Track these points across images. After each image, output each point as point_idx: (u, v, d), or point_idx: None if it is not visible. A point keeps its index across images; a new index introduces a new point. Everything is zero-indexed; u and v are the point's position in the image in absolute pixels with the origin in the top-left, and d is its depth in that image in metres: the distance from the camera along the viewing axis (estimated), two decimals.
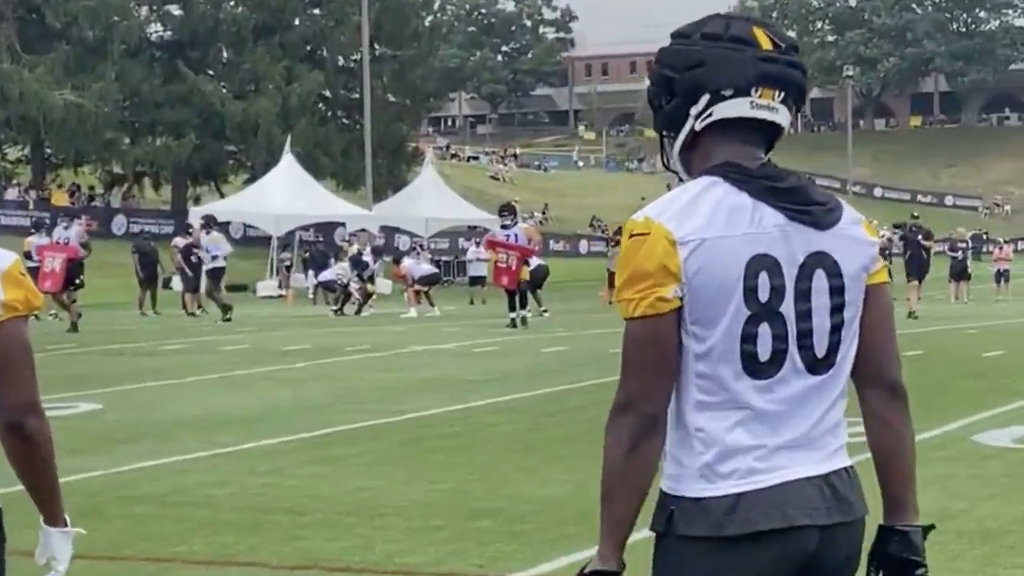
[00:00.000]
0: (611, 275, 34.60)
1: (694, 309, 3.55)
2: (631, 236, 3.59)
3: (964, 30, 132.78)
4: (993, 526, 10.30)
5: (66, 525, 5.13)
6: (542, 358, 24.69)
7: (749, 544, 3.57)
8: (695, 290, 3.53)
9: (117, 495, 12.16)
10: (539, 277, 36.02)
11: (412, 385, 20.69)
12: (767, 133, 3.74)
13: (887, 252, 47.97)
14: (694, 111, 3.67)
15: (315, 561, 9.57)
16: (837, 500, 3.65)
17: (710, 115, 3.66)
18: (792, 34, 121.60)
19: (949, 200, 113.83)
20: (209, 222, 35.94)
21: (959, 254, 46.58)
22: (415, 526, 10.60)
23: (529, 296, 34.41)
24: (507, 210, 35.13)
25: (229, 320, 35.56)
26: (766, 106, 3.67)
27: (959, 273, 45.85)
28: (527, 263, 34.22)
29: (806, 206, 3.64)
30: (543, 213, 72.73)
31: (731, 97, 3.64)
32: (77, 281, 35.01)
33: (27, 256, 39.16)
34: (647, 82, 3.84)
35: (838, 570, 3.70)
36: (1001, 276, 49.39)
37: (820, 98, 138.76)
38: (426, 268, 42.12)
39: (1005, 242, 58.07)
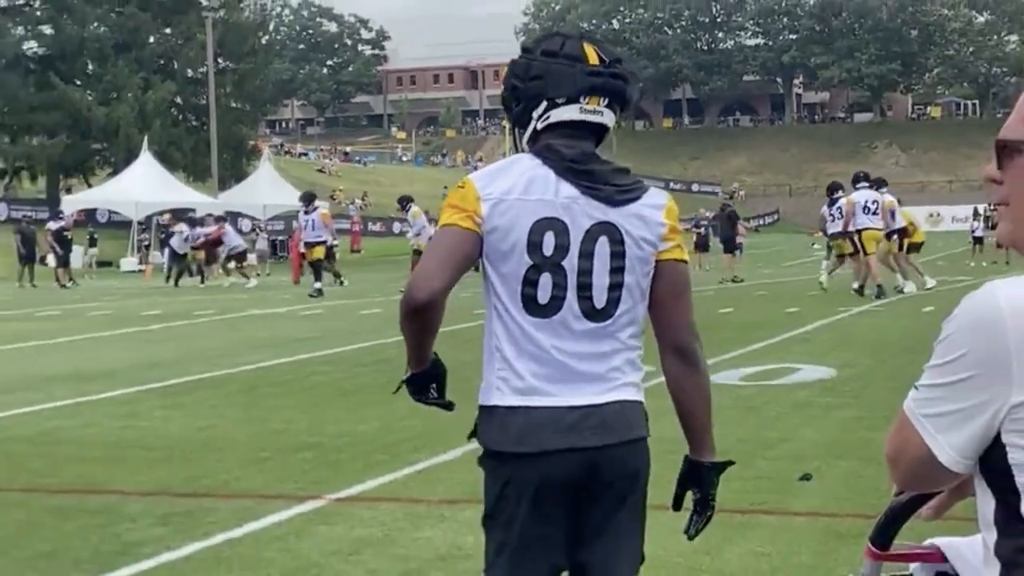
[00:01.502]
0: (416, 252, 34.67)
1: (489, 250, 3.80)
2: (457, 187, 3.90)
3: (706, 48, 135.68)
4: (721, 448, 10.44)
5: None
6: (361, 319, 24.62)
7: (523, 461, 3.76)
8: (489, 234, 3.78)
9: None
10: (331, 255, 35.97)
11: (250, 342, 20.50)
12: (595, 131, 3.96)
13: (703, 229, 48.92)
14: (535, 114, 3.92)
15: (165, 488, 9.49)
16: (606, 424, 3.78)
17: (548, 118, 3.90)
18: None
19: (695, 187, 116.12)
20: (308, 198, 35.33)
21: (702, 230, 47.67)
22: (248, 457, 10.63)
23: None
24: (306, 198, 35.05)
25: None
26: (593, 111, 3.91)
27: (702, 246, 46.69)
28: (323, 244, 34.21)
29: (600, 185, 3.84)
30: (363, 199, 72.28)
31: (564, 104, 3.88)
32: None
33: None
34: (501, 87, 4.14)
35: (612, 483, 3.83)
36: (735, 249, 50.17)
37: None
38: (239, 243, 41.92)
39: (740, 221, 58.89)
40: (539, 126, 3.87)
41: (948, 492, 2.34)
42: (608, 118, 3.91)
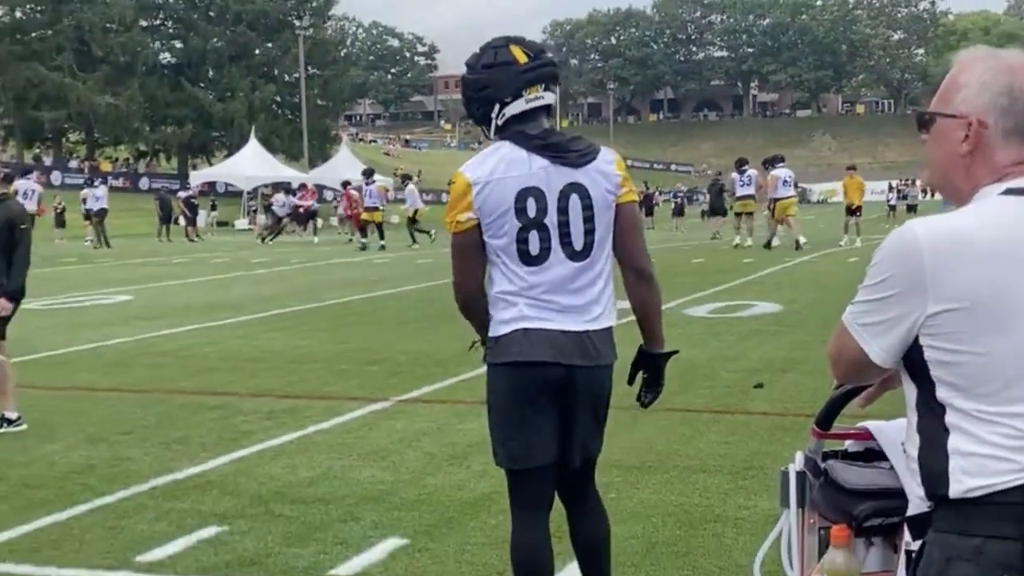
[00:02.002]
0: (409, 219, 35.30)
1: (486, 225, 3.81)
2: (450, 183, 3.92)
3: (683, 59, 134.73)
4: (692, 362, 10.55)
5: None
6: (417, 267, 24.59)
7: (522, 368, 3.81)
8: (484, 212, 3.80)
9: (141, 352, 12.12)
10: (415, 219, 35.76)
11: (333, 283, 20.53)
12: (543, 111, 3.92)
13: (691, 197, 48.56)
14: (493, 115, 3.90)
15: (269, 391, 9.58)
16: (585, 350, 3.81)
17: (504, 115, 3.88)
18: (575, 63, 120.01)
19: (673, 167, 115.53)
20: (368, 173, 35.15)
21: (679, 199, 47.34)
22: (333, 369, 10.70)
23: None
24: (367, 173, 34.90)
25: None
26: (535, 98, 3.86)
27: (678, 212, 46.53)
28: (378, 209, 33.76)
29: (564, 154, 3.83)
30: (418, 176, 72.11)
31: (512, 102, 3.85)
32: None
33: (83, 201, 38.39)
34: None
35: (586, 394, 3.87)
36: (705, 214, 49.95)
37: (593, 103, 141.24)
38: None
39: (708, 193, 58.86)
40: (499, 123, 3.84)
41: (876, 385, 2.34)
42: (549, 98, 3.89)
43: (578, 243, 3.77)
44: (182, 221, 41.97)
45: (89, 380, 10.35)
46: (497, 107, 3.83)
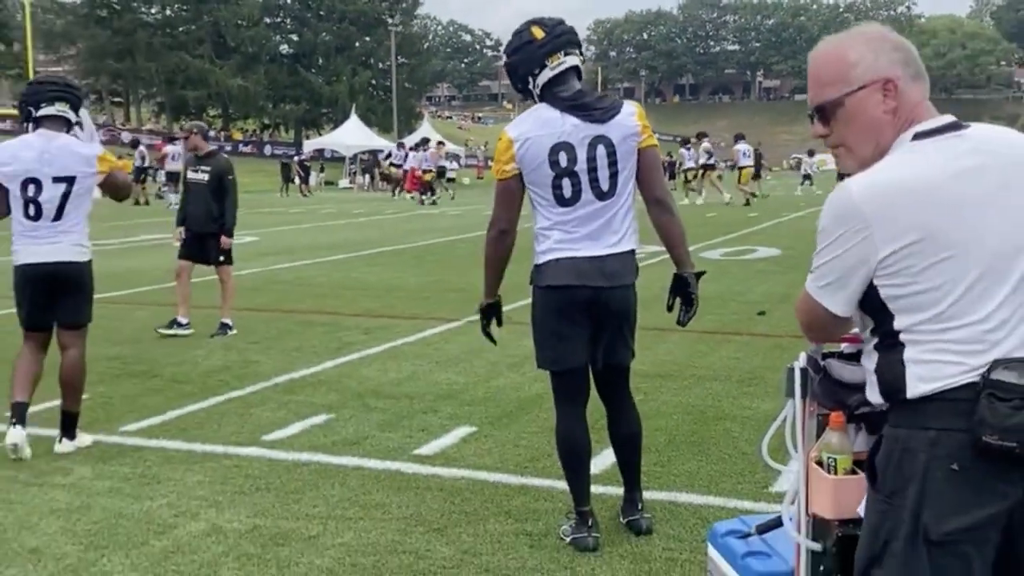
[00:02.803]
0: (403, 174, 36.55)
1: (526, 173, 3.79)
2: (498, 140, 3.86)
3: (702, 51, 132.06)
4: (707, 295, 10.55)
5: None
6: (484, 216, 24.29)
7: (555, 290, 3.80)
8: (524, 163, 3.77)
9: (266, 281, 12.28)
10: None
11: (417, 230, 20.61)
12: (572, 72, 3.83)
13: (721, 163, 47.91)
14: (531, 87, 3.85)
15: (366, 312, 9.67)
16: (605, 273, 3.76)
17: (537, 85, 3.82)
18: (613, 54, 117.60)
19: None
20: (424, 141, 35.41)
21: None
22: (417, 296, 10.79)
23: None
24: (423, 142, 35.45)
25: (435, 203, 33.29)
26: (558, 64, 3.79)
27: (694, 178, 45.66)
28: (431, 171, 33.98)
29: (591, 111, 3.77)
30: (485, 146, 71.77)
31: (540, 72, 3.79)
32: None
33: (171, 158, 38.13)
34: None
35: (611, 311, 3.82)
36: (759, 176, 49.63)
37: (628, 87, 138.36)
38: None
39: (721, 162, 58.28)
40: (537, 92, 3.79)
41: None
42: (571, 61, 3.80)
43: (604, 185, 3.73)
44: (298, 180, 42.18)
45: None
46: (530, 79, 3.80)
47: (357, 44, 73.34)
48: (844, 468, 2.23)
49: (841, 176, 2.15)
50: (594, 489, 4.04)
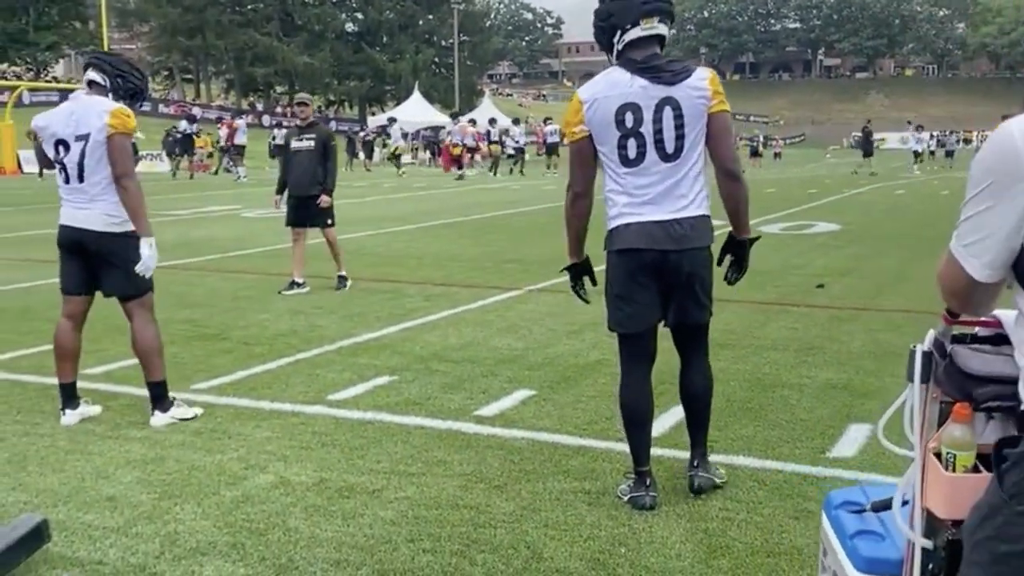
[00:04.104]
0: (393, 154, 37.05)
1: (595, 134, 3.74)
2: (569, 100, 3.82)
3: (763, 30, 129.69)
4: (766, 268, 10.41)
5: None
6: (540, 191, 24.47)
7: (623, 254, 3.76)
8: (592, 124, 3.72)
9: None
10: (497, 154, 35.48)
11: (477, 203, 20.61)
12: (656, 40, 3.77)
13: (766, 143, 47.29)
14: (615, 40, 3.76)
15: (428, 280, 9.69)
16: (673, 236, 3.69)
17: (623, 40, 3.73)
18: (674, 32, 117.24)
19: (752, 118, 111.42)
20: (492, 121, 35.34)
21: (754, 143, 45.74)
22: (477, 266, 10.78)
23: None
24: (453, 116, 35.28)
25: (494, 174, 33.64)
26: (650, 27, 3.71)
27: (754, 153, 45.05)
28: (464, 145, 33.97)
29: (660, 73, 3.68)
30: (545, 122, 71.81)
31: (631, 28, 3.70)
32: None
33: (272, 137, 38.58)
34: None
35: (681, 274, 3.74)
36: (777, 156, 48.68)
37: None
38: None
39: (779, 139, 57.32)
40: (619, 47, 3.71)
41: None
42: (662, 29, 3.73)
43: (670, 147, 3.65)
44: (361, 155, 42.38)
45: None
46: (619, 33, 3.70)
47: (420, 22, 73.41)
48: (964, 466, 1.93)
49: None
50: (654, 451, 4.00)
